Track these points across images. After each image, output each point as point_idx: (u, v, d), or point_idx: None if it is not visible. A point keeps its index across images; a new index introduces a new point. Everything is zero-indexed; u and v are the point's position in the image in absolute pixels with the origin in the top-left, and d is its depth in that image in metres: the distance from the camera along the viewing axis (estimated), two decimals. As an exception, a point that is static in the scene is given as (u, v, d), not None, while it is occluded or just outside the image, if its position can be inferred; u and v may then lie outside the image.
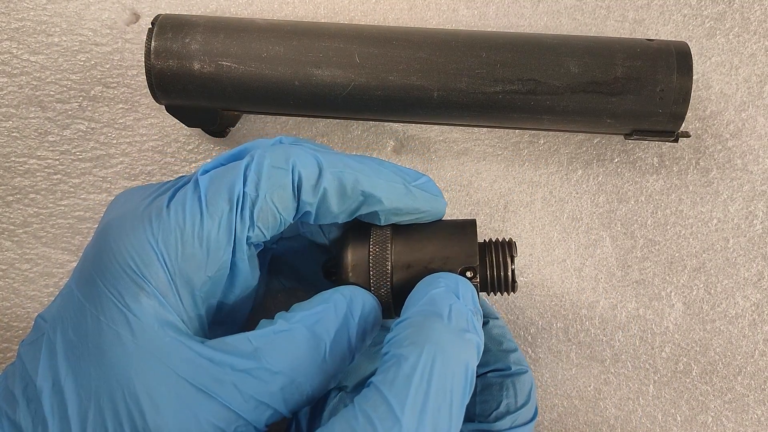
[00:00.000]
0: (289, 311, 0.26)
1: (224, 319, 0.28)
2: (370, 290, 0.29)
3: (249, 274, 0.27)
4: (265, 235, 0.26)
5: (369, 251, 0.29)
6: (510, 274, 0.29)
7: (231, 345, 0.24)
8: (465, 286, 0.27)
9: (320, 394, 0.26)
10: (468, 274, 0.28)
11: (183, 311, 0.25)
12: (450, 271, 0.28)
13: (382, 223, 0.28)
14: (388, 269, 0.29)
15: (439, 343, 0.23)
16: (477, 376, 0.31)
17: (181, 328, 0.24)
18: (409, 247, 0.29)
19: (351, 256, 0.29)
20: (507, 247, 0.29)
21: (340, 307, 0.26)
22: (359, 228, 0.30)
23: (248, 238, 0.26)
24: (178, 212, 0.25)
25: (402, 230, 0.29)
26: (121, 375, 0.23)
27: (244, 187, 0.25)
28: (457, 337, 0.24)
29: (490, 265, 0.29)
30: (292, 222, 0.27)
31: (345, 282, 0.29)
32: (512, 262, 0.29)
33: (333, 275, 0.31)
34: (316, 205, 0.26)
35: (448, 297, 0.25)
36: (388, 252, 0.29)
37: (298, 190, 0.26)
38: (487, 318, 0.32)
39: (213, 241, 0.25)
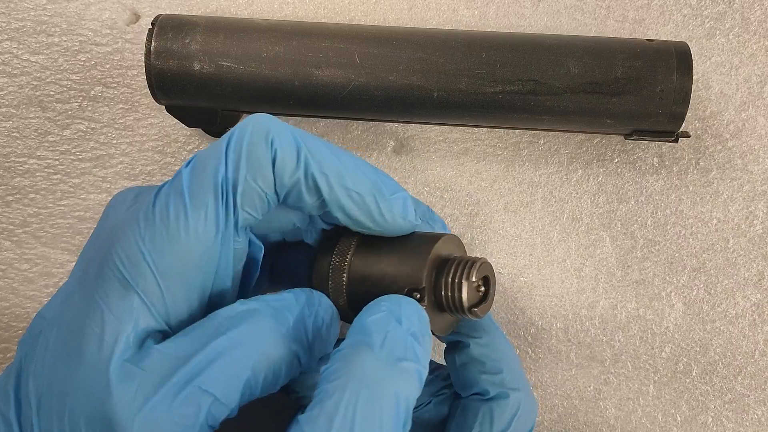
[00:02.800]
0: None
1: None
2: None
3: (239, 260, 0.27)
4: (255, 217, 0.26)
5: (330, 260, 0.29)
6: (462, 296, 0.27)
7: (198, 332, 0.24)
8: (410, 309, 0.26)
9: (288, 372, 0.25)
10: (416, 294, 0.27)
11: (172, 311, 0.25)
12: (398, 290, 0.27)
13: (342, 224, 0.28)
14: (343, 281, 0.28)
15: (364, 377, 0.23)
16: (459, 399, 0.30)
17: (161, 329, 0.24)
18: (367, 260, 0.29)
19: (316, 264, 0.30)
20: (465, 268, 0.27)
21: (300, 298, 0.26)
22: (334, 234, 0.30)
23: (236, 223, 0.25)
24: (162, 208, 0.24)
25: (368, 241, 0.29)
26: (92, 383, 0.23)
27: (226, 172, 0.25)
28: (387, 368, 0.23)
29: (445, 285, 0.27)
30: (279, 203, 0.26)
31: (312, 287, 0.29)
32: (486, 283, 0.27)
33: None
34: (287, 189, 0.26)
35: (385, 323, 0.25)
36: (346, 263, 0.29)
37: (273, 169, 0.25)
38: (467, 339, 0.31)
39: (201, 233, 0.24)
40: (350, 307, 0.29)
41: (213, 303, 0.27)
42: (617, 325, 0.36)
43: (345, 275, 0.29)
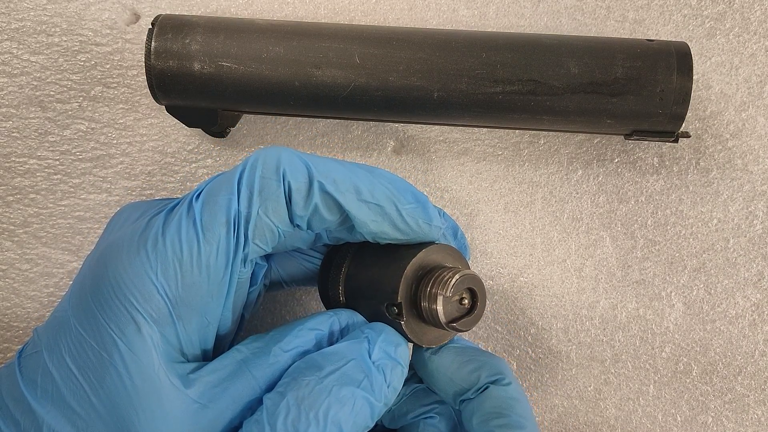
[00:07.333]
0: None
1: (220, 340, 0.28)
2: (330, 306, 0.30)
3: (243, 292, 0.27)
4: (264, 249, 0.26)
5: (331, 270, 0.29)
6: (438, 309, 0.26)
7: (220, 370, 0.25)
8: (387, 340, 0.26)
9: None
10: (394, 309, 0.26)
11: (187, 342, 0.25)
12: (380, 302, 0.27)
13: (367, 238, 0.27)
14: (339, 290, 0.29)
15: (301, 396, 0.24)
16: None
17: (180, 361, 0.25)
18: (359, 270, 0.29)
19: (320, 276, 0.30)
20: (443, 280, 0.26)
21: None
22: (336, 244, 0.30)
23: (245, 256, 0.25)
24: (174, 240, 0.24)
25: (365, 249, 0.29)
26: (123, 415, 0.23)
27: (238, 206, 0.25)
28: (324, 392, 0.24)
29: (423, 297, 0.26)
30: (291, 231, 0.27)
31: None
32: (473, 296, 0.26)
33: None
34: (307, 218, 0.26)
35: (352, 351, 0.25)
36: (341, 274, 0.29)
37: (288, 201, 0.25)
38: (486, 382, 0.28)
39: (213, 266, 0.25)
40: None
41: (218, 330, 0.27)
42: (617, 325, 0.36)
43: (340, 286, 0.29)
